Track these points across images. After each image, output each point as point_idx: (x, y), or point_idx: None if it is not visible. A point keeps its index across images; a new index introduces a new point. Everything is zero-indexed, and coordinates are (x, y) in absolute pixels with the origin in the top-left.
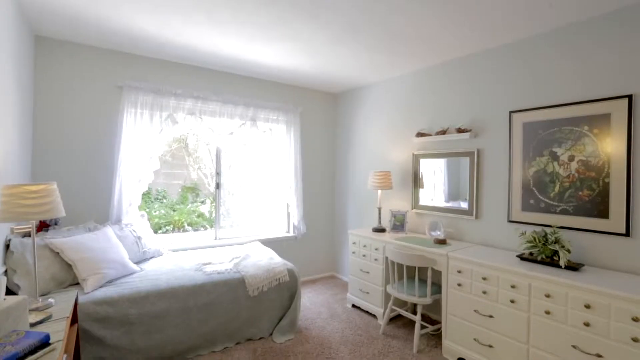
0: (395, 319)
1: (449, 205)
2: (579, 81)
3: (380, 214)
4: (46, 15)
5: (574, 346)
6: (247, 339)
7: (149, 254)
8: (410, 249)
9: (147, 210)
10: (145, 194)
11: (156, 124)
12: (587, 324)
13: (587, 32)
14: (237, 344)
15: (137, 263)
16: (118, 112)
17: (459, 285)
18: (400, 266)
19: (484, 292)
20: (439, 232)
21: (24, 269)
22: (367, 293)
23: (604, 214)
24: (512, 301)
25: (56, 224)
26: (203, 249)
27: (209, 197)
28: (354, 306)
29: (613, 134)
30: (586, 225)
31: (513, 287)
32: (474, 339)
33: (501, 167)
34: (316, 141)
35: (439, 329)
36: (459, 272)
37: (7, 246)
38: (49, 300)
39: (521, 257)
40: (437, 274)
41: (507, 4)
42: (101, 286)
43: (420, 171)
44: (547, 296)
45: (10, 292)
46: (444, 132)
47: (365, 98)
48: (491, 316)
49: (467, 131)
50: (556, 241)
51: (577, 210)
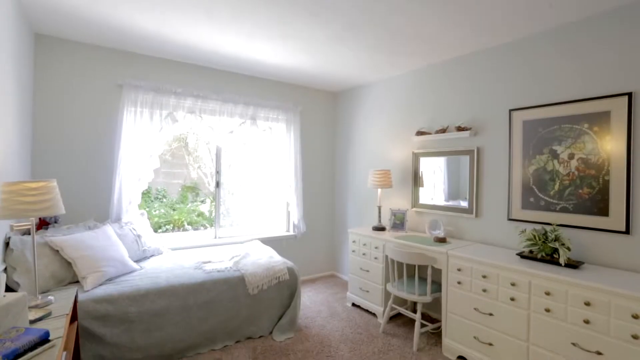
0: (395, 318)
1: (449, 204)
2: (579, 79)
3: (380, 212)
4: (46, 13)
5: (573, 344)
6: (247, 337)
7: (148, 252)
8: (410, 247)
9: (147, 209)
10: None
11: (156, 123)
12: (587, 322)
13: (586, 30)
14: (237, 342)
15: (136, 261)
16: (118, 111)
17: (459, 283)
18: (400, 264)
19: (484, 290)
20: (439, 231)
21: (23, 266)
22: (367, 292)
23: (603, 211)
24: (512, 299)
25: (56, 222)
26: (203, 248)
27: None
28: (354, 305)
29: (613, 131)
30: (586, 223)
31: (513, 285)
32: (474, 337)
33: (501, 166)
34: (316, 140)
35: (439, 327)
36: (459, 270)
37: (7, 244)
38: (49, 297)
39: (521, 255)
40: (437, 272)
41: (507, 4)
42: (101, 284)
43: (420, 170)
44: (547, 294)
45: (10, 290)
46: (443, 131)
47: (366, 97)
48: (491, 314)
49: (467, 129)
50: (556, 239)
51: (577, 208)
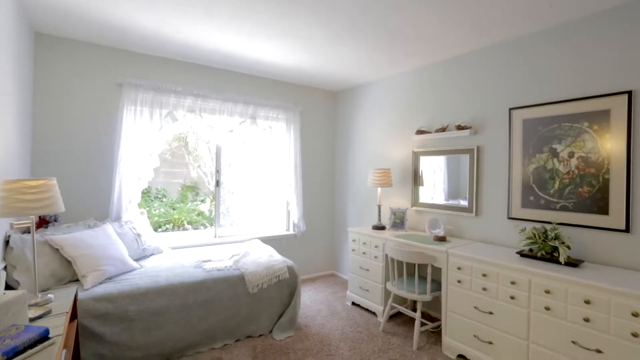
0: (395, 317)
1: (449, 203)
2: (579, 78)
3: (380, 211)
4: (46, 11)
5: (573, 342)
6: (247, 336)
7: (148, 251)
8: (410, 246)
9: (147, 208)
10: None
11: (156, 122)
12: (587, 320)
13: (586, 28)
14: (236, 341)
15: (136, 260)
16: (118, 110)
17: (458, 282)
18: (400, 263)
19: (484, 289)
20: (438, 230)
21: (23, 265)
22: (367, 291)
23: (603, 210)
24: (512, 297)
25: (56, 221)
26: (203, 247)
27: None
28: (353, 304)
29: (613, 130)
30: (586, 221)
31: (513, 283)
32: (474, 336)
33: (501, 164)
34: (316, 139)
35: (438, 326)
36: (458, 268)
37: (7, 242)
38: (49, 295)
39: (521, 254)
40: (437, 271)
41: (506, 4)
42: (101, 283)
43: (420, 169)
44: (547, 292)
45: (10, 288)
46: (443, 130)
47: (366, 96)
48: (491, 313)
49: (466, 128)
50: (556, 237)
51: (577, 207)
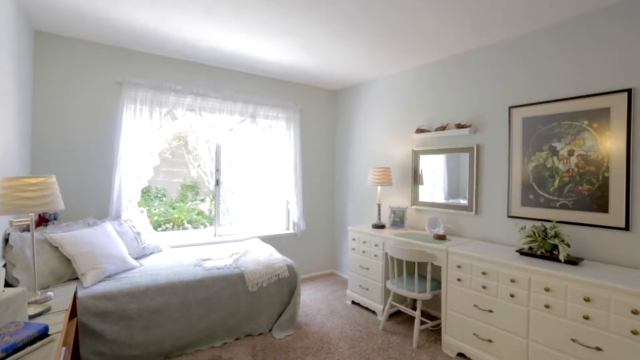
0: (395, 315)
1: (449, 201)
2: (579, 76)
3: (379, 210)
4: (46, 10)
5: (573, 340)
6: (247, 334)
7: (148, 249)
8: (409, 245)
9: (147, 208)
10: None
11: (156, 120)
12: (586, 317)
13: (586, 27)
14: (236, 339)
15: (136, 259)
16: (117, 108)
17: (458, 280)
18: (400, 262)
19: (484, 287)
20: (438, 228)
21: (23, 263)
22: (367, 289)
23: (603, 208)
24: (512, 295)
25: (55, 219)
26: (202, 246)
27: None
28: (353, 303)
29: (613, 128)
30: (586, 219)
31: (513, 281)
32: (474, 334)
33: (501, 163)
34: (316, 138)
35: (438, 324)
36: (458, 267)
37: (6, 240)
38: (48, 293)
39: (521, 252)
40: (436, 269)
41: (506, 3)
42: (100, 281)
43: (420, 168)
44: (547, 290)
45: (9, 287)
46: (443, 128)
47: (365, 95)
48: (491, 311)
49: (466, 127)
50: (556, 235)
51: (576, 205)
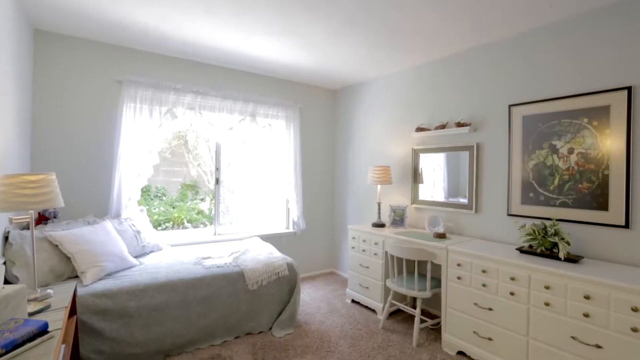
0: (395, 314)
1: (449, 200)
2: (579, 74)
3: (379, 209)
4: (46, 8)
5: (573, 337)
6: (247, 333)
7: (148, 248)
8: (409, 243)
9: (147, 207)
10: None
11: (155, 119)
12: (586, 315)
13: (586, 25)
14: (236, 338)
15: (136, 257)
16: (117, 107)
17: (458, 278)
18: (400, 260)
19: (484, 285)
20: (438, 227)
21: (22, 260)
22: (367, 288)
23: (603, 206)
24: (512, 293)
25: (55, 218)
26: (202, 245)
27: (208, 195)
28: (353, 301)
29: (612, 126)
30: (585, 217)
31: (512, 279)
32: (474, 332)
33: (501, 161)
34: (316, 137)
35: (438, 323)
36: (458, 265)
37: (6, 238)
38: (48, 291)
39: (521, 250)
40: (436, 268)
41: (506, 2)
42: (100, 279)
43: (420, 166)
44: (547, 288)
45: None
46: (443, 127)
47: (365, 94)
48: (491, 309)
49: (466, 125)
50: (556, 233)
51: (576, 203)
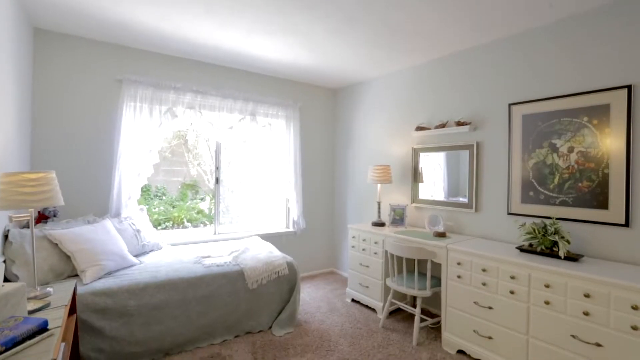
0: (395, 313)
1: (449, 199)
2: (578, 72)
3: (379, 208)
4: (46, 7)
5: (573, 336)
6: (246, 332)
7: (148, 247)
8: (409, 242)
9: (147, 206)
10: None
11: (155, 118)
12: (586, 314)
13: (586, 24)
14: (236, 336)
15: (136, 256)
16: (117, 106)
17: (458, 277)
18: (400, 259)
19: (484, 284)
20: (438, 226)
21: (22, 259)
22: (367, 287)
23: (603, 204)
24: (512, 292)
25: (55, 216)
26: (202, 244)
27: (208, 194)
28: (353, 300)
29: (612, 124)
30: (585, 216)
31: (512, 278)
32: (474, 331)
33: (500, 160)
34: (316, 136)
35: (438, 322)
36: (458, 264)
37: (6, 236)
38: (48, 289)
39: (521, 249)
40: (436, 267)
41: (506, 3)
42: (100, 278)
43: (420, 165)
44: (547, 286)
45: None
46: (443, 126)
47: (365, 93)
48: (491, 307)
49: (466, 124)
50: (555, 232)
51: (576, 202)
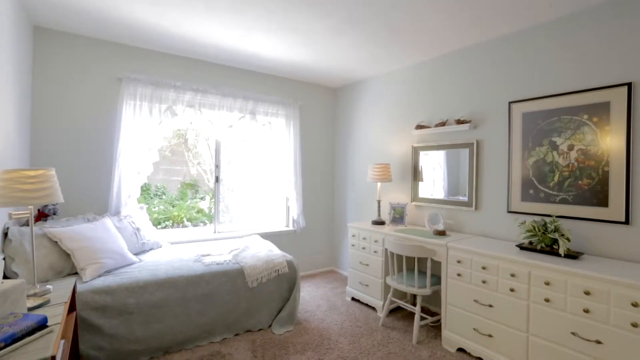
0: (395, 312)
1: (449, 198)
2: (578, 70)
3: (379, 206)
4: (45, 5)
5: (573, 333)
6: (246, 330)
7: (147, 245)
8: (409, 240)
9: (147, 205)
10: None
11: (155, 116)
12: (586, 311)
13: (586, 21)
14: (235, 335)
15: (136, 254)
16: (117, 104)
17: (458, 275)
18: (400, 257)
19: (484, 282)
20: (438, 224)
21: (22, 257)
22: (367, 286)
23: (603, 202)
24: (512, 290)
25: (55, 214)
26: (202, 242)
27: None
28: (353, 299)
29: (612, 122)
30: (586, 214)
31: (513, 275)
32: (474, 329)
33: (500, 158)
34: (316, 135)
35: (438, 320)
36: (458, 262)
37: (5, 234)
38: (47, 286)
39: (521, 247)
40: (436, 265)
41: (506, 1)
42: (100, 275)
43: (420, 164)
44: (547, 284)
45: None
46: (443, 124)
47: (365, 92)
48: (491, 305)
49: (466, 122)
50: (555, 230)
51: (576, 200)
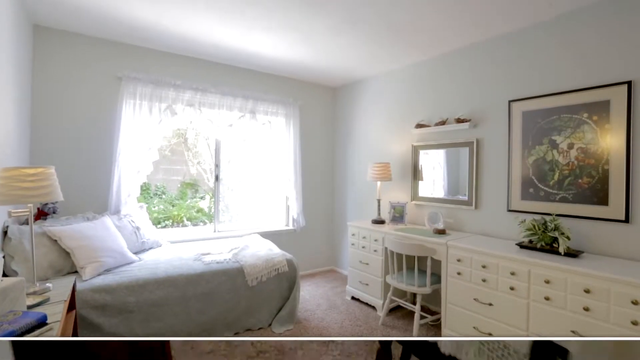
0: (395, 311)
1: (449, 197)
2: (578, 69)
3: (379, 205)
4: (45, 4)
5: (573, 332)
6: (246, 329)
7: (147, 244)
8: (409, 239)
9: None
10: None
11: (155, 115)
12: (586, 309)
13: (585, 19)
14: (235, 334)
15: (135, 253)
16: (117, 103)
17: (458, 274)
18: (400, 256)
19: (484, 280)
20: (438, 223)
21: (21, 255)
22: (367, 285)
23: (603, 200)
24: (512, 288)
25: (54, 213)
26: (202, 241)
27: (208, 193)
28: (353, 298)
29: (612, 120)
30: (586, 212)
31: (513, 274)
32: (474, 328)
33: (500, 157)
34: (315, 134)
35: (438, 319)
36: (458, 260)
37: (5, 233)
38: (47, 284)
39: (521, 245)
40: (436, 264)
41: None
42: (99, 274)
43: (420, 163)
44: (547, 282)
45: None
46: (443, 123)
47: (365, 91)
48: (491, 304)
49: (466, 121)
50: (555, 228)
51: (576, 198)
